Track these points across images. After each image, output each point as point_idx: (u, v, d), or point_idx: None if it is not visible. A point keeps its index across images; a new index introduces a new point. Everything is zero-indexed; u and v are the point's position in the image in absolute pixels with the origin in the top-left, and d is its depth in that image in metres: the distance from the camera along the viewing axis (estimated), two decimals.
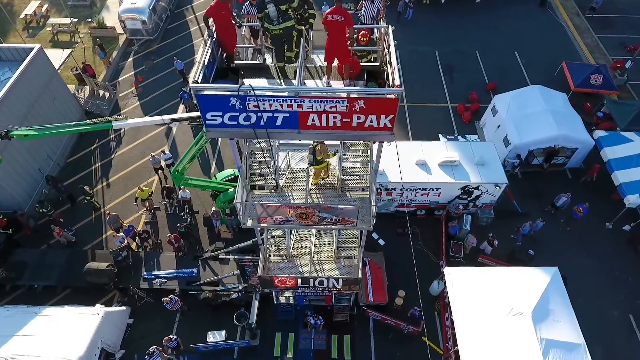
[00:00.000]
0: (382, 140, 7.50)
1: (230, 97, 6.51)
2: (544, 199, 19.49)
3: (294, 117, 6.79)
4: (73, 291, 16.85)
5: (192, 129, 22.93)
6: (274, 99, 6.50)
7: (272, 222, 9.04)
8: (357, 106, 6.56)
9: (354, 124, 6.93)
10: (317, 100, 6.50)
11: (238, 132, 7.12)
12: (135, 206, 19.25)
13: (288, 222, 8.96)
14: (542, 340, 13.03)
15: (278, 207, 8.66)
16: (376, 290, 16.19)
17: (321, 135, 7.10)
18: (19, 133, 12.71)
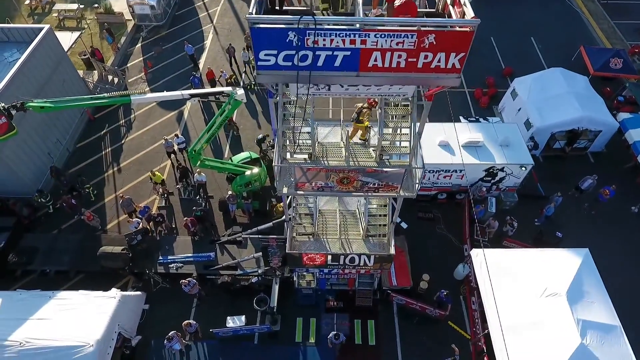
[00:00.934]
0: (447, 85, 6.96)
1: (288, 32, 5.98)
2: (567, 183, 19.01)
3: (354, 56, 6.26)
4: (86, 276, 16.29)
5: (204, 114, 22.43)
6: (336, 33, 5.96)
7: (310, 189, 8.54)
8: (426, 42, 6.05)
9: (419, 65, 6.39)
10: (384, 34, 5.97)
11: (290, 76, 6.51)
12: (151, 184, 18.67)
13: (327, 188, 8.46)
14: (578, 321, 12.56)
15: (319, 170, 8.15)
16: (400, 274, 15.70)
17: (381, 79, 6.54)
18: (35, 105, 12.16)
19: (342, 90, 7.10)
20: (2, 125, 11.72)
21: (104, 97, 13.36)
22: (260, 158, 18.82)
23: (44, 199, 17.71)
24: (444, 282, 15.95)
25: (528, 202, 18.36)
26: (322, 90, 7.03)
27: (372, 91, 7.25)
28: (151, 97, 13.72)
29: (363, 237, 12.40)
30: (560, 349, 12.23)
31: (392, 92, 7.36)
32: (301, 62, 6.34)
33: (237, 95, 14.34)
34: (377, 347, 14.87)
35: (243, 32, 26.98)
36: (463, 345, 15.00)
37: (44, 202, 17.78)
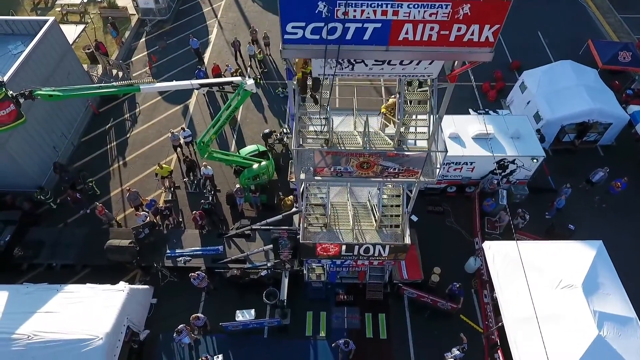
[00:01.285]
0: (479, 60, 6.77)
1: (318, 2, 5.76)
2: (576, 176, 18.82)
3: (385, 29, 6.04)
4: (93, 270, 16.08)
5: (210, 108, 22.23)
6: (367, 3, 5.74)
7: (329, 174, 8.35)
8: (461, 12, 5.86)
9: (451, 38, 6.20)
10: (417, 4, 5.76)
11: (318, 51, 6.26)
12: (156, 180, 18.50)
13: (346, 173, 8.27)
14: (595, 313, 12.40)
15: (339, 154, 7.96)
16: (410, 268, 15.52)
17: (411, 54, 6.34)
18: (43, 93, 11.96)
19: (366, 70, 6.91)
20: (11, 113, 11.51)
21: (112, 86, 13.17)
22: (268, 151, 18.61)
23: (44, 196, 17.35)
24: (454, 276, 15.76)
25: (538, 195, 18.19)
26: (345, 70, 6.84)
27: (396, 71, 7.06)
28: (160, 87, 13.52)
29: (376, 228, 12.23)
30: (577, 341, 12.07)
31: (416, 72, 7.17)
32: (329, 35, 6.14)
33: (247, 86, 14.15)
34: (389, 341, 14.69)
35: (248, 27, 26.75)
36: (475, 338, 14.86)
37: (44, 199, 17.44)
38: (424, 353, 14.49)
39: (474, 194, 17.95)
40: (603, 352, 11.86)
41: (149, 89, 13.39)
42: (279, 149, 20.24)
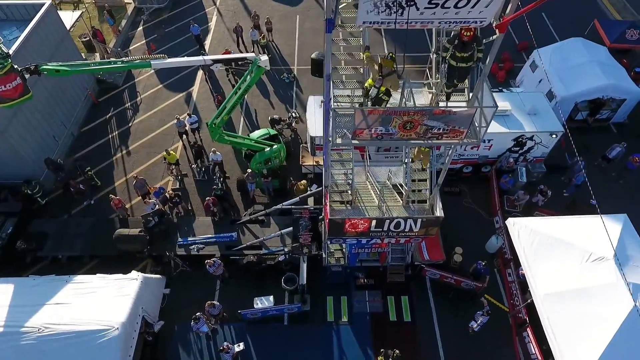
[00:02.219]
0: None
1: None
2: (591, 153, 18.55)
3: None
4: (101, 261, 15.38)
5: (213, 94, 21.53)
6: None
7: (369, 137, 7.84)
8: None
9: None
10: None
11: None
12: (164, 164, 17.82)
13: (387, 135, 7.77)
14: (629, 285, 12.03)
15: (382, 112, 7.44)
16: (431, 249, 15.06)
17: None
18: (50, 67, 11.26)
19: (417, 15, 6.38)
20: (17, 87, 10.78)
21: (122, 61, 12.52)
22: (279, 134, 18.05)
23: (32, 190, 16.14)
24: (476, 256, 15.34)
25: (555, 173, 17.89)
26: (393, 16, 6.32)
27: (449, 16, 6.56)
28: (172, 62, 12.89)
29: (403, 204, 11.74)
30: (612, 313, 11.70)
31: (470, 16, 6.71)
32: None
33: (261, 62, 13.58)
34: (413, 324, 14.24)
35: (248, 13, 26.15)
36: (501, 318, 14.49)
37: (32, 194, 16.21)
38: (450, 335, 14.06)
39: (490, 173, 17.58)
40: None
41: (160, 64, 12.75)
42: (288, 135, 19.67)
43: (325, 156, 10.10)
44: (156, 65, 12.69)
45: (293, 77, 22.49)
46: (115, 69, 12.76)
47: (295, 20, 26.21)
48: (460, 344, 13.84)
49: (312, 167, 17.65)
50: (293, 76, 22.56)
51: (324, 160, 10.32)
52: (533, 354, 13.32)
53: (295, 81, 22.47)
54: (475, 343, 13.86)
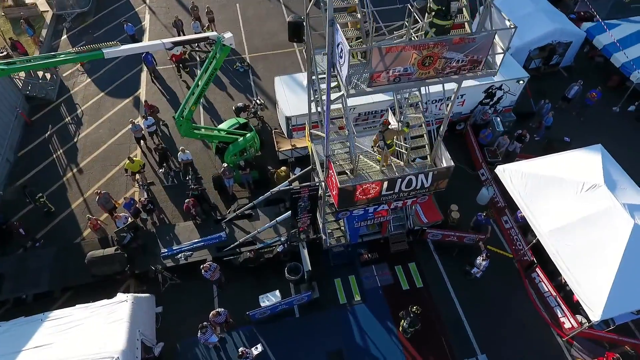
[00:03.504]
0: None
1: None
2: (550, 97, 19.25)
3: None
4: (75, 292, 13.44)
5: (165, 94, 19.85)
6: None
7: (386, 81, 7.15)
8: None
9: None
10: None
11: None
12: (127, 177, 16.06)
13: (405, 76, 7.14)
14: (624, 206, 12.50)
15: (402, 48, 6.77)
16: (428, 211, 14.81)
17: None
18: None
19: None
20: None
21: (68, 53, 10.83)
22: (249, 123, 16.90)
23: None
24: (469, 211, 15.37)
25: (524, 120, 18.42)
26: None
27: None
28: (127, 49, 11.31)
29: (404, 164, 11.25)
30: (616, 234, 12.08)
31: None
32: None
33: (225, 39, 12.43)
34: (426, 288, 13.90)
35: (183, 7, 24.50)
36: (507, 264, 14.59)
37: None
38: (463, 290, 13.89)
39: (466, 129, 17.71)
40: None
41: (113, 52, 11.17)
42: (255, 124, 18.55)
43: (326, 122, 9.32)
44: (109, 54, 11.10)
45: (247, 66, 21.34)
46: (67, 61, 10.99)
47: (236, 8, 24.95)
48: (475, 297, 13.73)
49: (290, 152, 16.73)
50: (247, 64, 21.40)
51: (325, 128, 9.53)
52: (546, 291, 13.50)
53: (250, 69, 21.32)
54: (488, 293, 13.83)
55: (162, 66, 21.24)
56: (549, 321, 13.31)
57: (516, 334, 13.02)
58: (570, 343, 12.90)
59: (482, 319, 13.31)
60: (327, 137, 9.76)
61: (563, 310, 12.96)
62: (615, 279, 11.57)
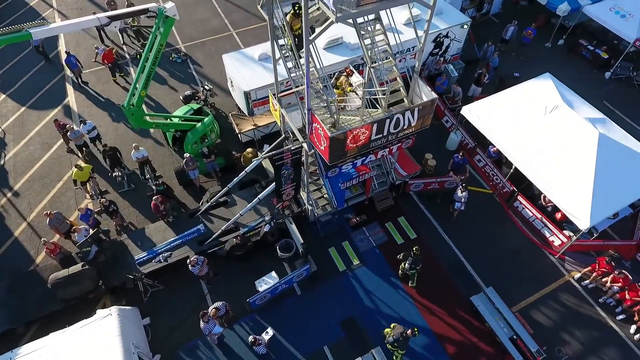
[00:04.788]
0: None
1: None
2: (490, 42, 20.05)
3: None
4: (43, 323, 11.58)
5: (100, 96, 17.95)
6: None
7: None
8: None
9: None
10: None
11: None
12: (77, 190, 14.27)
13: None
14: (587, 119, 13.21)
15: None
16: (405, 165, 14.73)
17: None
18: None
19: None
20: None
21: None
22: (203, 107, 15.71)
23: None
24: (442, 158, 15.53)
25: (472, 66, 18.95)
26: None
27: None
28: (58, 27, 9.74)
29: (384, 109, 10.92)
30: (586, 146, 12.71)
31: None
32: None
33: (167, 10, 11.26)
34: (420, 238, 13.79)
35: (97, 6, 22.38)
36: (489, 201, 14.90)
37: None
38: (456, 233, 13.96)
39: None
40: (609, 144, 12.74)
41: (42, 32, 9.61)
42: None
43: (307, 70, 8.66)
44: (38, 34, 9.54)
45: (184, 55, 19.92)
46: None
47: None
48: (467, 237, 13.85)
49: (252, 132, 15.80)
50: (184, 54, 19.98)
51: (305, 80, 8.87)
52: (531, 216, 13.95)
53: (188, 58, 19.94)
54: (479, 231, 14.02)
55: (89, 69, 19.23)
56: (539, 243, 13.78)
57: (513, 262, 13.32)
58: (562, 259, 13.44)
59: (479, 255, 13.45)
60: (308, 88, 9.11)
61: (550, 230, 13.45)
62: (595, 187, 12.17)
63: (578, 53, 19.90)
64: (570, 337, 11.89)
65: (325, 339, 11.73)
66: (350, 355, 11.18)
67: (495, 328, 11.57)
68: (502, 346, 11.35)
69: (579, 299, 12.65)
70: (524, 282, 12.89)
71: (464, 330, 11.95)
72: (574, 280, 13.00)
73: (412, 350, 11.45)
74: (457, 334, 11.87)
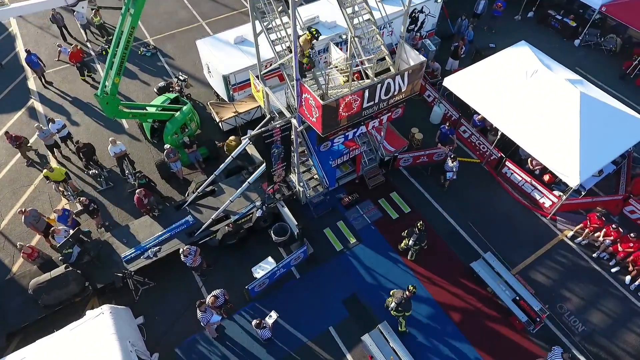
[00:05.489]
0: None
1: None
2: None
3: None
4: (26, 334, 10.76)
5: (67, 96, 16.99)
6: None
7: None
8: None
9: None
10: None
11: None
12: (52, 187, 13.43)
13: None
14: (567, 80, 13.41)
15: None
16: (392, 140, 14.60)
17: None
18: None
19: None
20: None
21: None
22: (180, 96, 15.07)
23: None
24: (427, 132, 15.50)
25: (447, 42, 19.02)
26: None
27: None
28: (20, 7, 8.94)
29: (372, 76, 10.70)
30: (568, 105, 12.89)
31: None
32: None
33: None
34: (414, 211, 13.67)
35: None
36: (478, 170, 14.95)
37: None
38: (450, 204, 13.93)
39: None
40: (590, 102, 12.98)
41: (4, 12, 8.83)
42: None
43: (294, 37, 8.32)
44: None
45: (153, 49, 19.14)
46: None
47: None
48: (460, 207, 13.85)
49: (234, 119, 15.29)
50: (153, 47, 19.20)
51: (293, 47, 8.52)
52: (520, 180, 14.07)
53: (158, 51, 19.18)
54: (471, 200, 14.04)
55: (52, 69, 18.20)
56: (530, 206, 13.91)
57: (507, 227, 13.39)
58: (554, 220, 13.61)
59: (473, 224, 13.45)
60: (296, 55, 8.75)
61: (540, 192, 13.59)
62: (581, 144, 12.36)
63: (548, 24, 20.33)
64: (569, 293, 12.03)
65: (330, 319, 11.42)
66: (356, 333, 10.94)
67: (497, 291, 11.56)
68: (505, 308, 11.36)
69: (574, 256, 12.84)
70: (519, 245, 12.97)
71: (467, 296, 11.90)
72: (567, 238, 13.19)
73: (418, 322, 11.31)
74: (461, 301, 11.81)
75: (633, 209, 13.39)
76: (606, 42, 19.18)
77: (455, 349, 11.02)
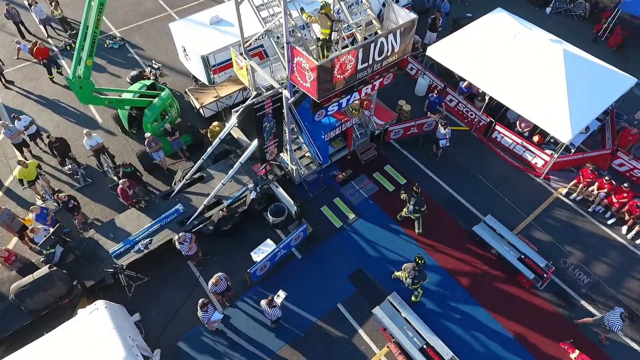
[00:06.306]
0: None
1: None
2: None
3: None
4: (11, 342, 9.82)
5: (31, 95, 15.86)
6: None
7: None
8: None
9: None
10: None
11: None
12: (29, 190, 12.41)
13: None
14: (550, 39, 13.50)
15: None
16: (380, 115, 14.35)
17: None
18: None
19: None
20: None
21: None
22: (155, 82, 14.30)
23: None
24: (413, 105, 15.34)
25: (423, 16, 18.89)
26: None
27: None
28: None
29: (361, 41, 10.37)
30: (553, 62, 12.97)
31: None
32: None
33: None
34: (410, 182, 13.43)
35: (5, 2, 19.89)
36: (468, 137, 14.89)
37: None
38: (444, 171, 13.80)
39: None
40: (574, 59, 13.13)
41: None
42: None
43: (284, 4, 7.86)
44: None
45: (120, 40, 18.17)
46: None
47: None
48: (455, 175, 13.75)
49: (215, 105, 14.65)
50: (120, 39, 18.23)
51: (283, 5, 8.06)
52: (511, 143, 14.09)
53: (126, 43, 18.22)
54: (465, 167, 13.96)
55: (12, 67, 16.98)
56: (523, 168, 13.95)
57: (503, 190, 13.36)
58: (547, 179, 13.69)
59: (470, 189, 13.37)
60: (286, 14, 8.29)
61: (532, 152, 13.64)
62: (569, 100, 12.43)
63: None
64: (570, 248, 12.09)
65: (338, 296, 11.03)
66: (366, 307, 10.60)
67: (502, 252, 11.47)
68: (511, 268, 11.29)
69: (570, 212, 12.93)
70: (517, 207, 12.96)
71: (473, 260, 11.77)
72: (562, 195, 13.28)
73: (427, 290, 11.06)
74: (468, 266, 11.66)
75: (622, 162, 13.62)
76: (575, 8, 19.60)
77: (467, 313, 10.85)
